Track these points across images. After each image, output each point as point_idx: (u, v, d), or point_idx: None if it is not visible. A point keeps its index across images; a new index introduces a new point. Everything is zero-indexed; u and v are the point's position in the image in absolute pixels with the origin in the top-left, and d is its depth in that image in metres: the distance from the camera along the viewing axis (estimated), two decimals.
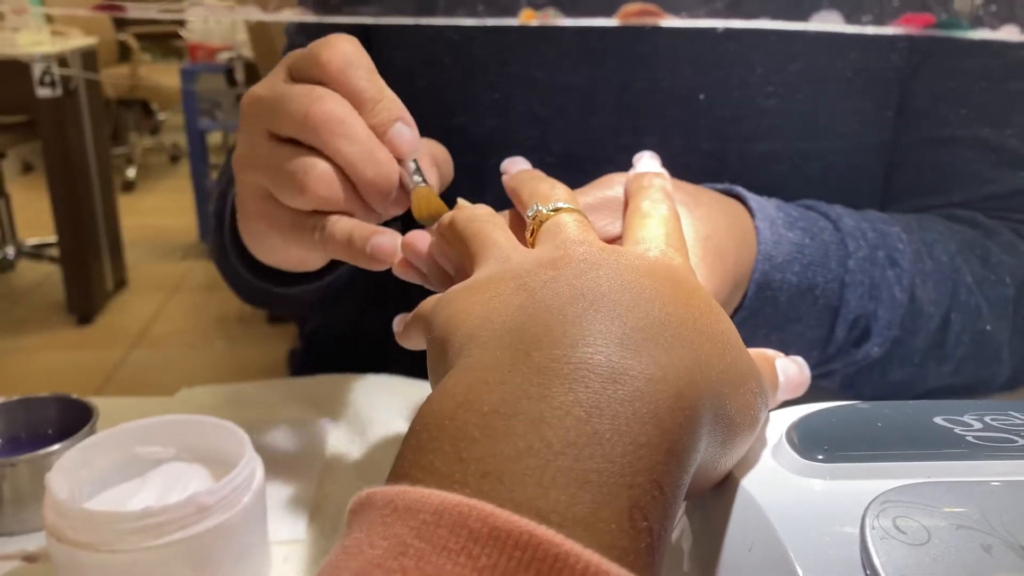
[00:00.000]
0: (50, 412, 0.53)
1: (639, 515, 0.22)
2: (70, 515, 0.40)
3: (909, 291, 0.50)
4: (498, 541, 0.20)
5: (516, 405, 0.24)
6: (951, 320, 0.51)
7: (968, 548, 0.25)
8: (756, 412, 0.30)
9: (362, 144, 0.40)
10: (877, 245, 0.50)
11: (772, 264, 0.46)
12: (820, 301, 0.48)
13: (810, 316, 0.48)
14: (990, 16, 0.22)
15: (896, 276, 0.49)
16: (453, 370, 0.27)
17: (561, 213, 0.35)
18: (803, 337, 0.49)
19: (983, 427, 0.32)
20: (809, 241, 0.48)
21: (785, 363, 0.35)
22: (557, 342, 0.26)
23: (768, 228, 0.46)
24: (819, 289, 0.48)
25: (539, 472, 0.22)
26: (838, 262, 0.48)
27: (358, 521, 0.23)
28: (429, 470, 0.23)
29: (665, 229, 0.35)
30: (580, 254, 0.31)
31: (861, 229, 0.50)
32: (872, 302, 0.49)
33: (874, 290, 0.49)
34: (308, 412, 0.62)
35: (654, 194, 0.38)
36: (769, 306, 0.47)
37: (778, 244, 0.46)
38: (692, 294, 0.30)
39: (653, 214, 0.36)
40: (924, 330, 0.51)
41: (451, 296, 0.31)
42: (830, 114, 0.57)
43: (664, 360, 0.26)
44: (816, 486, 0.29)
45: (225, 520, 0.41)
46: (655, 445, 0.24)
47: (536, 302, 0.28)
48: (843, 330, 0.49)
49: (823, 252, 0.48)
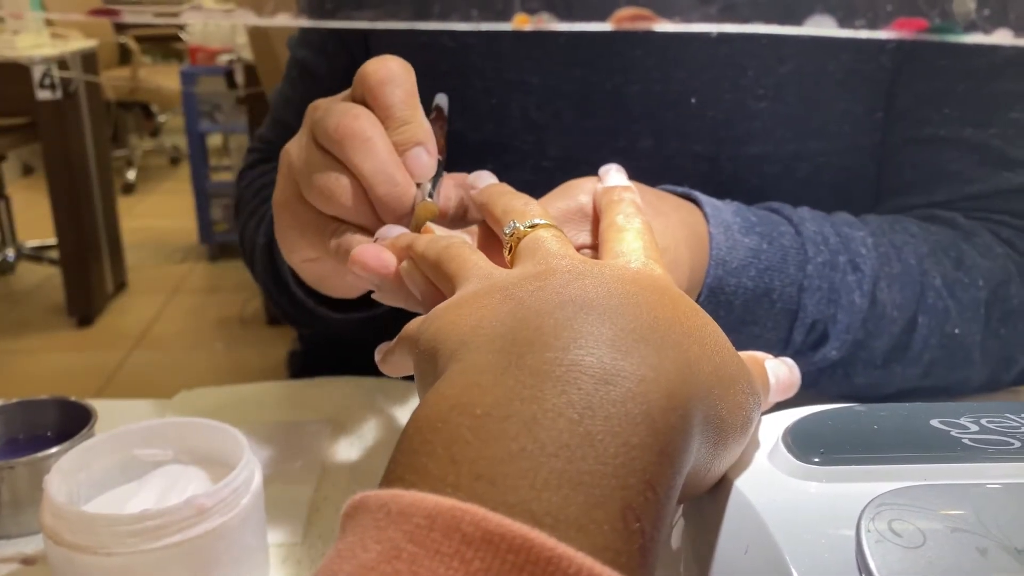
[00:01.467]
0: (49, 414, 0.53)
1: (632, 516, 0.22)
2: (68, 518, 0.40)
3: (870, 296, 0.50)
4: (491, 545, 0.20)
5: (509, 407, 0.24)
6: (918, 323, 0.51)
7: (963, 551, 0.25)
8: (748, 413, 0.30)
9: (381, 163, 0.41)
10: (839, 250, 0.50)
11: (726, 269, 0.46)
12: (777, 305, 0.49)
13: (767, 319, 0.49)
14: (983, 20, 0.22)
15: (857, 281, 0.50)
16: (445, 374, 0.27)
17: (539, 229, 0.36)
18: (760, 339, 0.50)
19: (979, 430, 0.32)
20: (767, 246, 0.48)
21: (775, 364, 0.35)
22: (549, 345, 0.26)
23: (722, 234, 0.47)
24: (776, 293, 0.48)
25: (532, 474, 0.22)
26: (796, 267, 0.49)
27: (351, 525, 0.23)
28: (422, 473, 0.23)
29: (642, 242, 0.36)
30: (564, 266, 0.31)
31: (823, 234, 0.50)
32: (831, 306, 0.49)
33: (833, 294, 0.49)
34: (306, 414, 0.62)
35: (626, 208, 0.38)
36: (723, 309, 0.47)
37: (732, 249, 0.47)
38: (677, 300, 0.31)
39: (629, 228, 0.37)
40: (887, 333, 0.51)
41: (437, 312, 0.32)
42: (822, 116, 0.57)
43: (655, 361, 0.26)
44: (812, 489, 0.29)
45: (223, 523, 0.41)
46: (647, 446, 0.24)
47: (526, 308, 0.28)
48: (801, 334, 0.50)
49: (781, 257, 0.48)
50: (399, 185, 0.41)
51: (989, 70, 0.57)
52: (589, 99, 0.58)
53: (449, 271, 0.35)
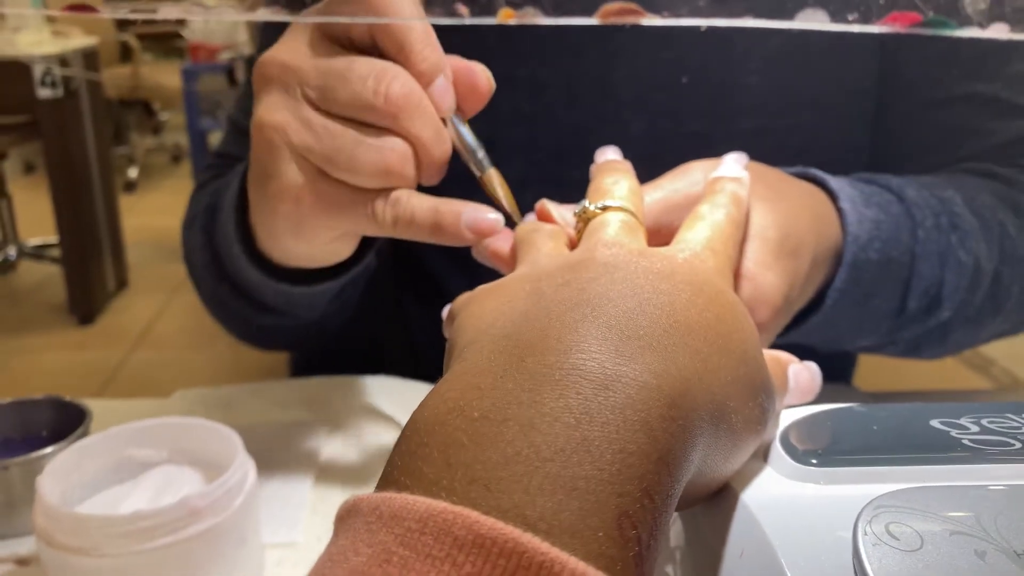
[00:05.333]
0: (44, 414, 0.53)
1: (628, 523, 0.22)
2: (60, 519, 0.39)
3: (973, 252, 0.51)
4: (483, 549, 0.20)
5: (506, 411, 0.24)
6: (1003, 274, 0.52)
7: (962, 554, 0.24)
8: (763, 423, 0.29)
9: (434, 124, 0.40)
10: (939, 212, 0.51)
11: (859, 244, 0.46)
12: (895, 274, 0.49)
13: (886, 290, 0.49)
14: (977, 13, 0.21)
15: (960, 239, 0.50)
16: (447, 374, 0.27)
17: (609, 212, 0.35)
18: (878, 311, 0.50)
19: (980, 430, 0.31)
20: (884, 217, 0.48)
21: (798, 369, 0.34)
22: (551, 348, 0.25)
23: (852, 210, 0.47)
24: (895, 263, 0.48)
25: (526, 479, 0.22)
26: (909, 234, 0.49)
27: (344, 528, 0.22)
28: (417, 476, 0.23)
29: (710, 232, 0.34)
30: (604, 256, 0.30)
31: (923, 197, 0.51)
32: (942, 269, 0.50)
33: (942, 257, 0.50)
34: (303, 414, 0.62)
35: (718, 199, 0.37)
36: (853, 285, 0.47)
37: (861, 223, 0.47)
38: (712, 300, 0.29)
39: (706, 217, 0.35)
40: (982, 287, 0.52)
41: (473, 296, 0.31)
42: (812, 87, 0.58)
43: (660, 368, 0.25)
44: (809, 491, 0.29)
45: (217, 523, 0.41)
46: (645, 453, 0.23)
47: (539, 307, 0.28)
48: (915, 300, 0.50)
49: (895, 226, 0.49)
50: (447, 142, 0.41)
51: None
52: (578, 88, 0.58)
53: (519, 255, 0.36)
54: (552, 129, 0.59)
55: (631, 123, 0.58)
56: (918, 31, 0.21)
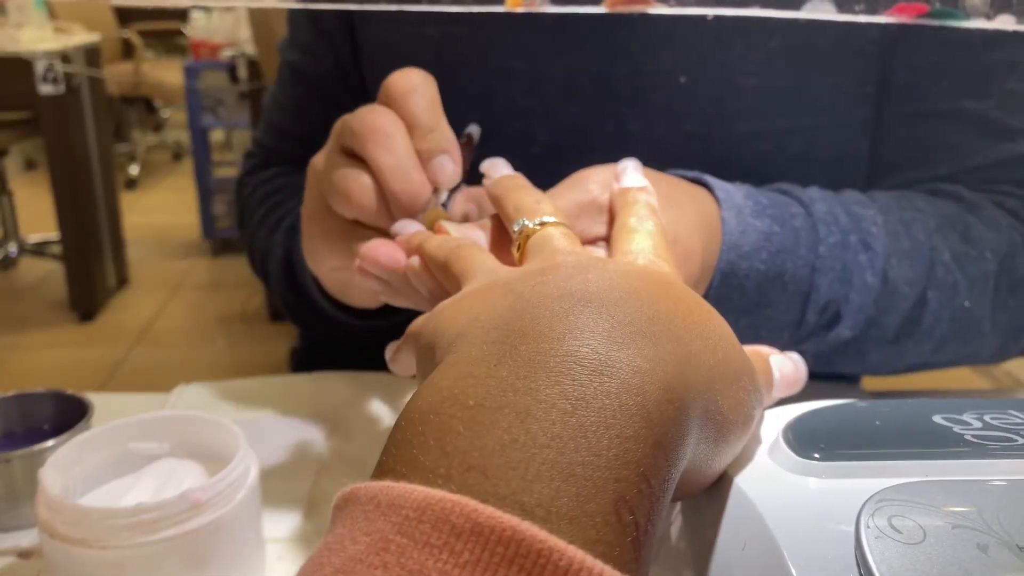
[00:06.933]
0: (46, 408, 0.53)
1: (625, 509, 0.22)
2: (62, 511, 0.39)
3: (882, 274, 0.50)
4: (480, 537, 0.20)
5: (502, 398, 0.24)
6: (928, 298, 0.51)
7: (964, 547, 0.24)
8: (749, 409, 0.29)
9: (398, 159, 0.42)
10: (849, 230, 0.50)
11: (738, 253, 0.46)
12: (790, 287, 0.49)
13: (780, 301, 0.49)
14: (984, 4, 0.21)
15: (869, 260, 0.50)
16: (440, 365, 0.27)
17: (548, 227, 0.36)
18: (773, 321, 0.50)
19: (983, 426, 0.32)
20: (779, 228, 0.48)
21: (780, 360, 0.35)
22: (544, 336, 0.26)
23: (734, 218, 0.47)
24: (788, 275, 0.48)
25: (523, 465, 0.22)
26: (808, 248, 0.49)
27: (341, 517, 0.22)
28: (413, 465, 0.23)
29: (652, 242, 0.36)
30: (569, 262, 0.32)
31: (834, 214, 0.50)
32: (843, 286, 0.49)
33: (845, 274, 0.49)
34: (304, 409, 0.62)
35: (640, 210, 0.39)
36: (736, 293, 0.47)
37: (744, 233, 0.47)
38: (681, 295, 0.30)
39: (640, 229, 0.37)
40: (899, 310, 0.51)
41: (439, 308, 0.32)
42: (812, 91, 0.58)
43: (651, 354, 0.26)
44: (812, 484, 0.29)
45: (219, 517, 0.41)
46: (642, 438, 0.23)
47: (524, 300, 0.28)
48: (814, 314, 0.50)
49: (793, 239, 0.48)
50: (414, 183, 0.42)
51: (985, 41, 0.57)
52: (576, 83, 0.58)
53: (456, 270, 0.35)
54: (548, 124, 0.59)
55: (628, 121, 0.58)
56: (924, 22, 0.21)
